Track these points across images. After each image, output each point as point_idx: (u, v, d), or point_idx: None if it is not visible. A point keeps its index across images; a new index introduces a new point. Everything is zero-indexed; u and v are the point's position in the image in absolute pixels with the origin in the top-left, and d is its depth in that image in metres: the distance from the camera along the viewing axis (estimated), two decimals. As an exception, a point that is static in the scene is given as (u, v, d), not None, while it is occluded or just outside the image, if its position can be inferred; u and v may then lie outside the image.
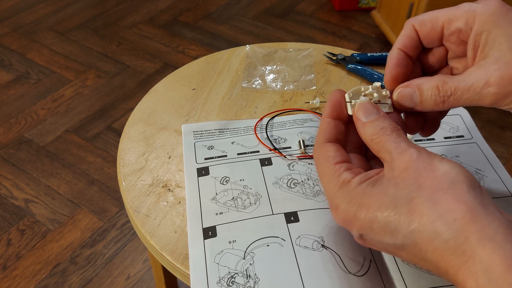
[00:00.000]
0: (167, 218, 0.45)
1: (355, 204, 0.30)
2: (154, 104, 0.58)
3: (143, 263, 1.12)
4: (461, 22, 0.33)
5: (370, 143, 0.33)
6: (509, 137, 1.45)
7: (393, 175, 0.30)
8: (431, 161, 0.29)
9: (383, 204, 0.29)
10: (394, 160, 0.30)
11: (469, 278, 0.25)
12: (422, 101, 0.34)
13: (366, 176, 0.31)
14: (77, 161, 1.35)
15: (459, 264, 0.26)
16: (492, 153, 0.51)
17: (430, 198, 0.28)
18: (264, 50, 0.67)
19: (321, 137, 0.35)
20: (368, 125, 0.33)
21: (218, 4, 2.10)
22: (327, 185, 0.32)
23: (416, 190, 0.28)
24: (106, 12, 2.02)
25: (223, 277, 0.39)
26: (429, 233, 0.27)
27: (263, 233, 0.42)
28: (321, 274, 0.39)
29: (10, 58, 1.75)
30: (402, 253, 0.29)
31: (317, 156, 0.34)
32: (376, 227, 0.29)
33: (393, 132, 0.32)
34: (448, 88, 0.32)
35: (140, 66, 1.72)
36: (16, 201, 1.24)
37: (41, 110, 1.53)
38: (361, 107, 0.34)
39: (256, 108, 0.58)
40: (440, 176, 0.29)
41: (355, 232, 0.31)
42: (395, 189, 0.29)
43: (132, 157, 0.51)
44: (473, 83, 0.31)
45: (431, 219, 0.27)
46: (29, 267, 1.10)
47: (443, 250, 0.27)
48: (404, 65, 0.36)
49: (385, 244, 0.29)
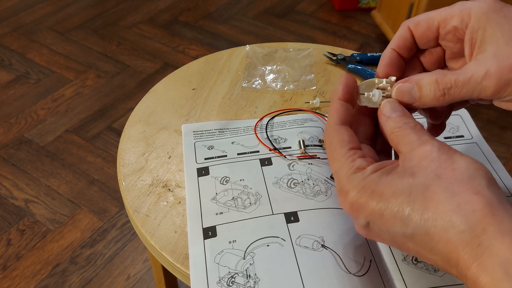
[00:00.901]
0: (167, 218, 0.45)
1: (367, 191, 0.29)
2: (154, 104, 0.58)
3: (143, 263, 1.12)
4: (456, 20, 0.33)
5: (391, 136, 0.32)
6: (509, 137, 1.45)
7: (410, 164, 0.30)
8: (451, 154, 0.29)
9: (397, 191, 0.28)
10: (414, 150, 0.30)
11: (483, 272, 0.25)
12: (421, 96, 0.33)
13: (381, 165, 0.31)
14: (77, 161, 1.35)
15: (473, 256, 0.25)
16: (492, 153, 0.51)
17: (448, 188, 0.27)
18: (264, 50, 0.67)
19: (335, 118, 0.34)
20: (392, 119, 0.33)
21: (218, 4, 2.10)
22: (339, 170, 0.32)
23: (434, 179, 0.28)
24: (106, 12, 2.02)
25: (223, 277, 0.39)
26: (444, 223, 0.26)
27: (263, 233, 0.42)
28: (321, 274, 0.39)
29: (10, 58, 1.75)
30: (409, 244, 0.29)
31: (330, 138, 0.33)
32: (387, 214, 0.28)
33: (416, 126, 0.32)
34: (448, 80, 0.32)
35: (140, 66, 1.72)
36: (16, 201, 1.24)
37: (41, 110, 1.53)
38: (388, 103, 0.34)
39: (256, 108, 0.58)
40: (460, 168, 0.28)
41: (362, 220, 0.30)
42: (412, 177, 0.29)
43: (132, 157, 0.51)
44: (473, 75, 0.31)
45: (447, 208, 0.27)
46: (29, 267, 1.10)
47: (457, 241, 0.26)
48: (395, 65, 0.36)
49: (393, 233, 0.29)
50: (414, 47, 0.37)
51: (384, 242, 0.31)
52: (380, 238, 0.31)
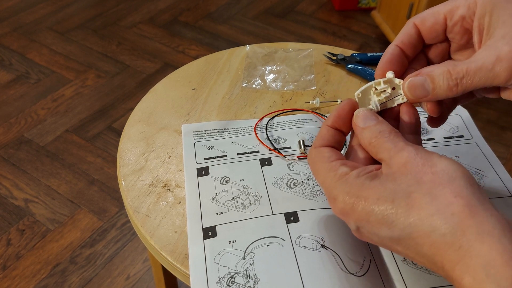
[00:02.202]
0: (167, 218, 0.45)
1: (353, 196, 0.30)
2: (154, 104, 0.58)
3: (143, 263, 1.12)
4: (463, 9, 0.34)
5: (369, 147, 0.33)
6: (509, 137, 1.45)
7: (391, 171, 0.30)
8: (429, 157, 0.30)
9: (381, 198, 0.29)
10: (392, 158, 0.31)
11: (466, 273, 0.25)
12: (434, 87, 0.33)
13: (364, 170, 0.32)
14: (77, 161, 1.35)
15: (456, 259, 0.26)
16: (492, 153, 0.51)
17: (428, 193, 0.28)
18: (264, 50, 0.67)
19: (318, 142, 0.35)
20: (367, 129, 0.33)
21: (218, 4, 2.10)
22: (325, 179, 0.32)
23: (415, 184, 0.29)
24: (106, 12, 2.02)
25: (223, 277, 0.39)
26: (427, 227, 0.27)
27: (263, 233, 0.42)
28: (321, 274, 0.39)
29: (10, 58, 1.75)
30: (398, 247, 0.29)
31: (312, 158, 0.35)
32: (372, 219, 0.29)
33: (391, 133, 0.32)
34: (460, 69, 0.31)
35: (140, 66, 1.72)
36: (16, 201, 1.24)
37: (41, 110, 1.53)
38: (360, 115, 0.34)
39: (256, 108, 0.58)
40: (439, 171, 0.29)
41: (352, 224, 0.31)
42: (394, 183, 0.29)
43: (132, 157, 0.51)
44: (484, 62, 0.31)
45: (429, 213, 0.27)
46: (29, 267, 1.10)
47: (440, 244, 0.26)
48: (398, 62, 0.36)
49: (382, 237, 0.30)
50: (419, 44, 0.36)
51: (376, 244, 0.32)
52: (371, 240, 0.31)
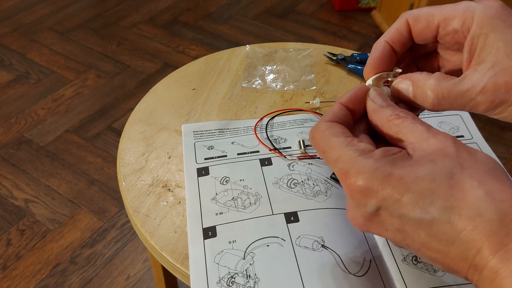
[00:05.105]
0: (167, 218, 0.45)
1: (383, 173, 0.28)
2: (154, 104, 0.58)
3: (143, 263, 1.12)
4: (458, 22, 0.32)
5: (388, 124, 0.31)
6: (509, 137, 1.45)
7: (425, 153, 0.29)
8: (467, 147, 0.29)
9: (419, 177, 0.27)
10: (426, 140, 0.29)
11: (506, 262, 0.24)
12: (415, 96, 0.33)
13: (389, 151, 0.29)
14: (77, 161, 1.35)
15: (497, 246, 0.25)
16: (492, 153, 0.51)
17: (473, 176, 0.27)
18: (264, 50, 0.67)
19: (329, 117, 0.32)
20: (386, 107, 0.32)
21: (219, 4, 2.10)
22: (341, 154, 0.29)
23: (458, 167, 0.27)
24: (106, 12, 2.02)
25: (223, 277, 0.39)
26: (471, 211, 0.26)
27: (263, 233, 0.42)
28: (321, 274, 0.39)
29: (10, 58, 1.75)
30: (421, 232, 0.27)
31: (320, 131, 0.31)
32: (405, 198, 0.27)
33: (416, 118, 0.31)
34: (444, 88, 0.31)
35: (140, 66, 1.72)
36: (16, 201, 1.24)
37: (41, 110, 1.53)
38: (378, 93, 0.33)
39: (256, 108, 0.58)
40: (481, 160, 0.28)
41: (371, 205, 0.28)
42: (432, 164, 0.28)
43: (132, 157, 0.51)
44: (469, 89, 0.30)
45: (475, 196, 0.26)
46: (29, 267, 1.10)
47: (483, 229, 0.25)
48: (386, 59, 0.35)
49: (407, 220, 0.27)
50: (408, 42, 0.36)
51: (384, 234, 0.30)
52: (382, 227, 0.29)
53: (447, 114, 0.56)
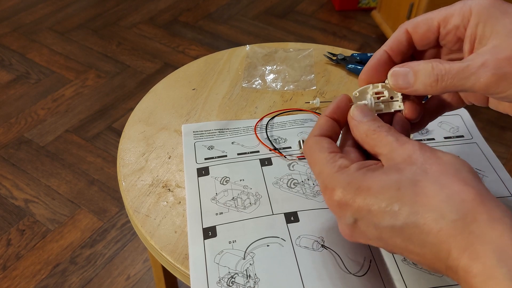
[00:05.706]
0: (167, 218, 0.45)
1: (354, 187, 0.29)
2: (154, 104, 0.58)
3: (143, 263, 1.12)
4: (457, 18, 0.33)
5: (366, 139, 0.33)
6: (509, 137, 1.45)
7: (394, 162, 0.30)
8: (434, 151, 0.30)
9: (385, 186, 0.29)
10: (394, 151, 0.30)
11: (476, 260, 0.25)
12: (416, 80, 0.33)
13: (364, 164, 0.31)
14: (77, 161, 1.35)
15: (465, 245, 0.25)
16: (492, 154, 0.51)
17: (436, 181, 0.28)
18: (264, 50, 0.67)
19: (316, 131, 0.35)
20: (364, 123, 0.33)
21: (219, 4, 2.10)
22: (322, 170, 0.32)
23: (422, 174, 0.28)
24: (106, 12, 2.02)
25: (223, 277, 0.39)
26: (435, 214, 0.27)
27: (263, 233, 0.42)
28: (321, 274, 0.39)
29: (10, 58, 1.75)
30: (397, 239, 0.28)
31: (310, 146, 0.34)
32: (375, 208, 0.28)
33: (390, 129, 0.32)
34: (443, 67, 0.32)
35: (140, 66, 1.72)
36: (16, 201, 1.24)
37: (41, 110, 1.53)
38: (357, 108, 0.34)
39: (256, 108, 0.58)
40: (445, 163, 0.29)
41: (348, 217, 0.30)
42: (398, 173, 0.29)
43: (132, 157, 0.51)
44: (469, 64, 0.31)
45: (437, 199, 0.27)
46: (29, 267, 1.10)
47: (449, 230, 0.26)
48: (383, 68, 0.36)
49: (381, 228, 0.29)
50: (408, 51, 0.36)
51: (369, 242, 0.31)
52: (365, 237, 0.30)
53: (447, 114, 0.56)
